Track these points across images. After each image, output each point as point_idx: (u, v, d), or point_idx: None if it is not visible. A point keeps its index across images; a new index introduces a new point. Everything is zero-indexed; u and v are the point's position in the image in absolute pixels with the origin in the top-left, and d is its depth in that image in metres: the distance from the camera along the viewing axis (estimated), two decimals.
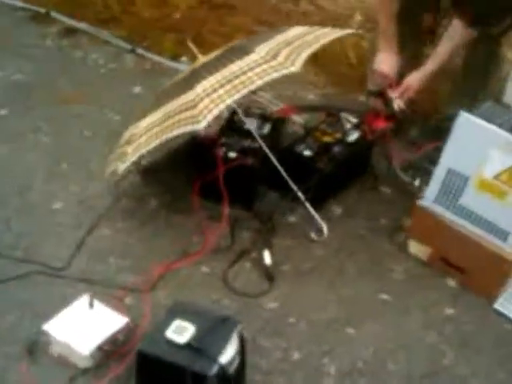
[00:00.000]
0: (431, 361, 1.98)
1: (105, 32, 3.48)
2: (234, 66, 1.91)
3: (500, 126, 2.00)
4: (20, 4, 3.66)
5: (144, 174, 2.57)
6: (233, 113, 2.52)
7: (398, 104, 2.64)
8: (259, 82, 1.83)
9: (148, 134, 2.03)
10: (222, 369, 1.55)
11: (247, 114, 2.56)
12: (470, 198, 2.11)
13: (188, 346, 1.55)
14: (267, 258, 2.20)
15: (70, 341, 1.82)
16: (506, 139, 1.97)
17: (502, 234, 2.07)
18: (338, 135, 2.51)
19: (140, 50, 3.37)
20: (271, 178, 2.42)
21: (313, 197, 2.40)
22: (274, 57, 1.88)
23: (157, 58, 3.33)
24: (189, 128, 1.92)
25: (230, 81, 1.87)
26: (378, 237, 2.38)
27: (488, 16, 2.24)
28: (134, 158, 2.11)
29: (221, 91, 1.83)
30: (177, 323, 1.59)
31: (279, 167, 2.33)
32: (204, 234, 2.28)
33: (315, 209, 2.38)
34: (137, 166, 2.53)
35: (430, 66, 2.61)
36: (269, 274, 2.18)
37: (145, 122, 2.11)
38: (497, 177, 2.03)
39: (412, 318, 2.10)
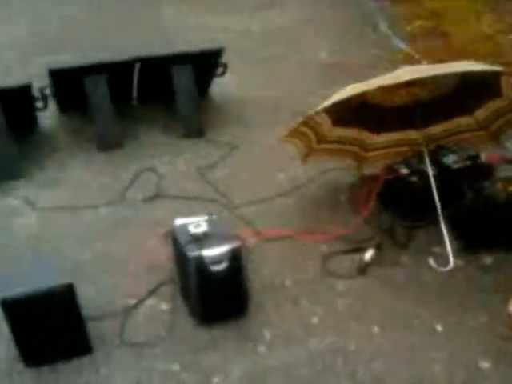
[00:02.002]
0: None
1: None
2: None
3: None
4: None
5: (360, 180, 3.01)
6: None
7: None
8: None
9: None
10: (201, 259, 2.04)
11: (455, 150, 2.79)
12: None
13: (193, 236, 2.11)
14: (368, 255, 2.45)
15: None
16: None
17: None
18: None
19: None
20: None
21: (467, 239, 2.52)
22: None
23: None
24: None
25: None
26: (498, 295, 2.29)
27: None
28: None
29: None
30: (200, 223, 2.16)
31: (434, 191, 2.51)
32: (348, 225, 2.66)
33: (469, 253, 2.49)
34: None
35: None
36: (360, 268, 2.42)
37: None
38: None
39: (441, 354, 2.08)
